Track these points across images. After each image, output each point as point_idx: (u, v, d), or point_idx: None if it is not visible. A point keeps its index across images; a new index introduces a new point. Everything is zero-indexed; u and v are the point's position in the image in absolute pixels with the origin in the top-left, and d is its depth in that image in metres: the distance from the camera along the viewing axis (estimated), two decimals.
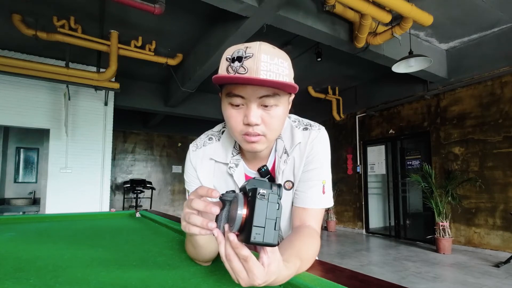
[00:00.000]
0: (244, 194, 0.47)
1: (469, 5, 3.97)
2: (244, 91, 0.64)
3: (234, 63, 0.63)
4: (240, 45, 0.66)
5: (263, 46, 0.64)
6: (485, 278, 3.54)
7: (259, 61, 0.62)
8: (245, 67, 0.62)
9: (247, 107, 0.66)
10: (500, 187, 4.61)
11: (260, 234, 0.42)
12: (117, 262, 0.76)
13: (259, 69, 0.62)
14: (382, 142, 6.64)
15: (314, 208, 0.77)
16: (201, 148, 0.82)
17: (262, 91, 0.64)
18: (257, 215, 0.43)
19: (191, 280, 0.62)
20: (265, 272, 0.45)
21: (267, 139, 0.70)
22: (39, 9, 3.96)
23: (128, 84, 6.32)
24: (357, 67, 5.95)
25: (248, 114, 0.65)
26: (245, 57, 0.63)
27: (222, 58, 0.67)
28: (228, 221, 0.48)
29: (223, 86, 0.69)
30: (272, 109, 0.66)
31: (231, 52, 0.66)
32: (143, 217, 1.73)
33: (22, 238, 1.14)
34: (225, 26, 3.95)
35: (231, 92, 0.65)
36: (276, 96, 0.65)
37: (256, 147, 0.70)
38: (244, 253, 0.44)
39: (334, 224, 7.20)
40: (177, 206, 10.02)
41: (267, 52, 0.64)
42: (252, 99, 0.64)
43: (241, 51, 0.64)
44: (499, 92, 4.71)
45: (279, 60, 0.65)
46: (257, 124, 0.66)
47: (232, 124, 0.69)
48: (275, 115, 0.67)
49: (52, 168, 5.24)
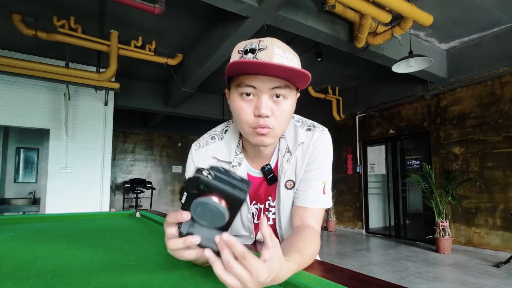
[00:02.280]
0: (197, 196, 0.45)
1: (469, 5, 3.97)
2: (256, 81, 0.64)
3: (247, 54, 0.65)
4: (252, 39, 0.68)
5: (275, 41, 0.67)
6: (485, 278, 3.54)
7: (272, 53, 0.64)
8: (258, 58, 0.63)
9: (258, 98, 0.66)
10: (500, 187, 4.61)
11: (241, 190, 0.44)
12: (117, 262, 0.76)
13: (273, 60, 0.63)
14: (382, 142, 6.64)
15: (314, 208, 0.78)
16: (204, 147, 0.82)
17: (274, 82, 0.65)
18: (225, 187, 0.44)
19: (191, 280, 0.62)
20: (267, 266, 0.44)
21: (275, 133, 0.70)
22: (39, 9, 3.96)
23: (128, 84, 6.32)
24: (357, 67, 5.95)
25: (259, 106, 0.65)
26: (259, 49, 0.64)
27: (233, 51, 0.68)
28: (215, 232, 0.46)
29: (231, 80, 0.69)
30: (282, 102, 0.67)
31: (243, 45, 0.67)
32: (143, 217, 1.73)
33: (22, 238, 1.14)
34: (225, 26, 3.95)
35: (243, 83, 0.65)
36: (287, 88, 0.67)
37: (264, 140, 0.69)
38: (240, 249, 0.42)
39: (334, 224, 7.21)
40: (177, 206, 10.02)
41: (279, 46, 0.66)
42: (264, 90, 0.65)
43: (254, 44, 0.65)
44: (499, 92, 4.71)
45: (290, 55, 0.67)
46: (268, 116, 0.66)
47: (242, 116, 0.68)
48: (284, 109, 0.68)
49: (52, 168, 5.24)
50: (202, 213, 0.45)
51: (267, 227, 0.45)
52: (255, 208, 0.86)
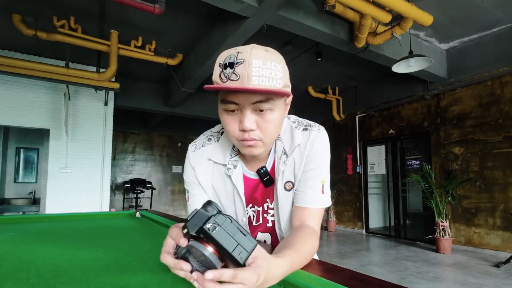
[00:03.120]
0: (196, 239, 0.46)
1: (469, 5, 3.97)
2: (237, 98, 0.64)
3: (226, 69, 0.63)
4: (232, 49, 0.66)
5: (254, 50, 0.63)
6: (485, 278, 3.54)
7: (250, 66, 0.61)
8: (236, 73, 0.62)
9: (242, 113, 0.66)
10: (500, 187, 4.61)
11: (242, 250, 0.44)
12: (117, 262, 0.76)
13: (251, 75, 0.61)
14: (382, 142, 6.64)
15: (313, 208, 0.78)
16: (200, 149, 0.82)
17: (255, 97, 0.64)
18: (225, 243, 0.43)
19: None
20: (252, 271, 0.44)
21: (264, 143, 0.70)
22: (39, 9, 3.96)
23: (128, 84, 6.32)
24: (357, 67, 5.95)
25: (242, 120, 0.65)
26: (237, 63, 0.62)
27: (215, 63, 0.67)
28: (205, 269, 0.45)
29: (218, 92, 0.69)
30: (266, 113, 0.66)
31: (223, 57, 0.65)
32: (143, 217, 1.73)
33: (22, 238, 1.14)
34: (225, 26, 3.95)
35: (225, 99, 0.65)
36: (270, 100, 0.65)
37: (253, 151, 0.70)
38: (227, 274, 0.43)
39: (334, 224, 7.20)
40: (177, 206, 10.03)
41: (258, 57, 0.63)
42: (245, 105, 0.64)
43: (233, 57, 0.63)
44: (499, 92, 4.71)
45: (272, 64, 0.64)
46: (252, 129, 0.66)
47: (228, 130, 0.69)
48: (270, 120, 0.67)
49: (52, 168, 5.24)
50: (197, 254, 0.45)
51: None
52: (252, 211, 0.86)
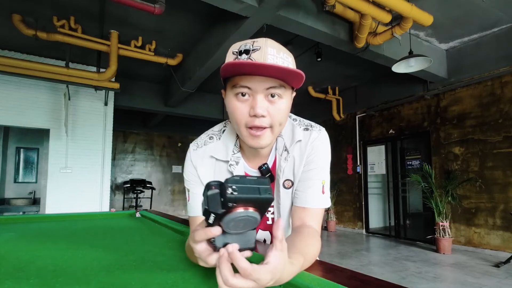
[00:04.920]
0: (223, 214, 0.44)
1: (469, 5, 3.97)
2: (251, 82, 0.65)
3: (242, 55, 0.65)
4: (247, 40, 0.68)
5: (269, 41, 0.67)
6: (485, 278, 3.54)
7: (266, 53, 0.64)
8: (252, 59, 0.64)
9: (254, 98, 0.66)
10: (500, 187, 4.61)
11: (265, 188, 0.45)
12: (117, 262, 0.76)
13: (267, 60, 0.64)
14: (382, 142, 6.64)
15: (314, 208, 0.78)
16: (202, 147, 0.82)
17: (268, 82, 0.65)
18: (252, 194, 0.44)
19: (191, 280, 0.62)
20: (269, 270, 0.44)
21: (272, 132, 0.70)
22: (39, 9, 3.96)
23: (128, 84, 6.32)
24: (357, 67, 5.95)
25: (254, 105, 0.66)
26: (253, 50, 0.65)
27: (228, 53, 0.69)
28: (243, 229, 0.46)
29: (227, 80, 0.69)
30: (277, 101, 0.68)
31: (237, 46, 0.67)
32: (143, 217, 1.73)
33: (22, 238, 1.14)
34: (225, 26, 3.95)
35: (238, 84, 0.66)
36: (282, 88, 0.67)
37: (260, 142, 0.70)
38: (243, 265, 0.43)
39: (334, 224, 7.20)
40: (177, 206, 10.03)
41: (273, 46, 0.66)
42: (259, 90, 0.66)
43: (248, 45, 0.66)
44: (499, 92, 4.71)
45: (285, 55, 0.68)
46: (263, 115, 0.67)
47: (237, 116, 0.69)
48: (280, 108, 0.69)
49: (52, 168, 5.24)
50: (235, 225, 0.45)
51: (280, 231, 0.46)
52: None
